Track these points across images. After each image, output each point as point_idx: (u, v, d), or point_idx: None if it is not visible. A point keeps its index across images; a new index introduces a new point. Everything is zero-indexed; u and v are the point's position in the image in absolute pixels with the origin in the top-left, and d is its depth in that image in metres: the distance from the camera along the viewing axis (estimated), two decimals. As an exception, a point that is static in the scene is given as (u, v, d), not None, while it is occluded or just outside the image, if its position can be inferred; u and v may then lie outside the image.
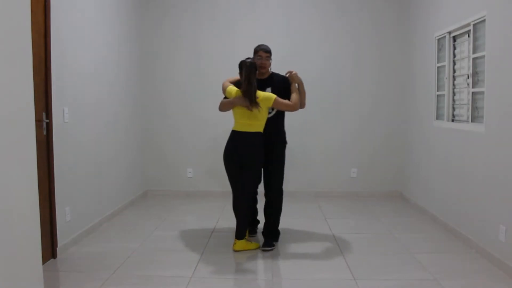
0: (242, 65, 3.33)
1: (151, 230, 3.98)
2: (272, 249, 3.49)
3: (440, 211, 4.14)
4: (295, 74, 3.51)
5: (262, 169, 3.60)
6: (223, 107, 3.45)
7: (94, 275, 2.89)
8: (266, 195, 3.65)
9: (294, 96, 3.43)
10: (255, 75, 3.33)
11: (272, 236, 3.62)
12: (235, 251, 3.42)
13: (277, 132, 3.59)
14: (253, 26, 5.29)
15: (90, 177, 3.88)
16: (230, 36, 5.33)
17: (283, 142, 3.63)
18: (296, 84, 3.52)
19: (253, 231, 3.86)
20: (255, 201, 3.80)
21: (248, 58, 3.37)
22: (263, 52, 3.51)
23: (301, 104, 3.55)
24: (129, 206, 4.85)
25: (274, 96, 3.34)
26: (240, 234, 3.44)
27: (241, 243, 3.44)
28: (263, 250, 3.46)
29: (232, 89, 3.43)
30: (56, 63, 3.24)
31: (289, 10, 5.31)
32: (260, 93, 3.34)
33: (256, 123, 3.35)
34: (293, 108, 3.41)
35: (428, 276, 2.90)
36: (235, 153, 3.38)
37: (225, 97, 3.51)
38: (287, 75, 3.55)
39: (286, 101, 3.38)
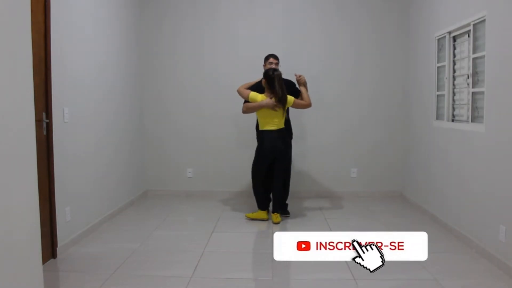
0: (275, 76, 3.98)
1: (151, 230, 3.98)
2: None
3: (440, 211, 4.14)
4: (304, 77, 4.20)
5: None
6: (250, 110, 4.10)
7: (94, 275, 2.90)
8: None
9: (306, 96, 4.18)
10: (283, 82, 4.02)
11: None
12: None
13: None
14: (253, 26, 5.29)
15: (90, 177, 3.88)
16: (230, 35, 5.32)
17: (290, 131, 4.40)
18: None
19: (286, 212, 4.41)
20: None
21: (276, 70, 4.04)
22: (274, 59, 4.28)
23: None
24: (129, 206, 4.85)
25: (294, 98, 4.10)
26: (264, 206, 4.29)
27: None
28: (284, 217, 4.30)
29: (257, 94, 4.07)
30: (56, 63, 3.23)
31: (289, 9, 5.31)
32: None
33: (278, 121, 4.06)
34: (308, 106, 4.21)
35: (428, 276, 2.90)
36: (270, 149, 4.06)
37: (246, 101, 4.12)
38: (298, 77, 4.20)
39: (302, 101, 4.17)
